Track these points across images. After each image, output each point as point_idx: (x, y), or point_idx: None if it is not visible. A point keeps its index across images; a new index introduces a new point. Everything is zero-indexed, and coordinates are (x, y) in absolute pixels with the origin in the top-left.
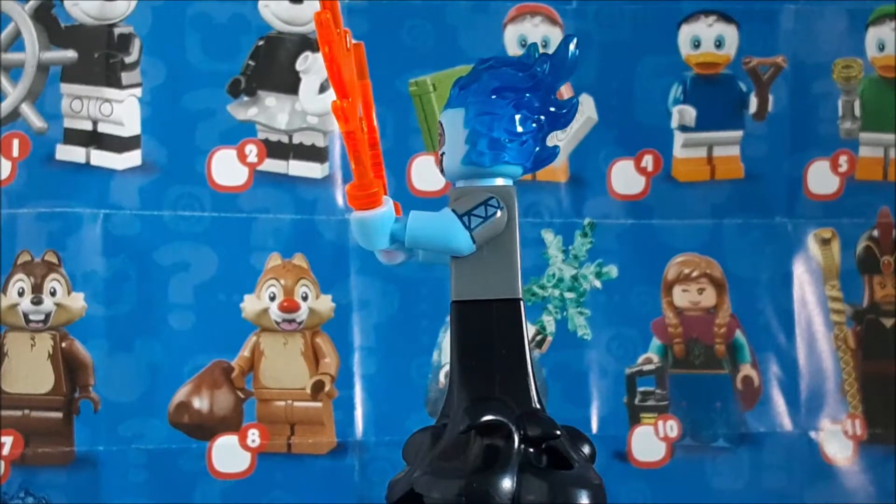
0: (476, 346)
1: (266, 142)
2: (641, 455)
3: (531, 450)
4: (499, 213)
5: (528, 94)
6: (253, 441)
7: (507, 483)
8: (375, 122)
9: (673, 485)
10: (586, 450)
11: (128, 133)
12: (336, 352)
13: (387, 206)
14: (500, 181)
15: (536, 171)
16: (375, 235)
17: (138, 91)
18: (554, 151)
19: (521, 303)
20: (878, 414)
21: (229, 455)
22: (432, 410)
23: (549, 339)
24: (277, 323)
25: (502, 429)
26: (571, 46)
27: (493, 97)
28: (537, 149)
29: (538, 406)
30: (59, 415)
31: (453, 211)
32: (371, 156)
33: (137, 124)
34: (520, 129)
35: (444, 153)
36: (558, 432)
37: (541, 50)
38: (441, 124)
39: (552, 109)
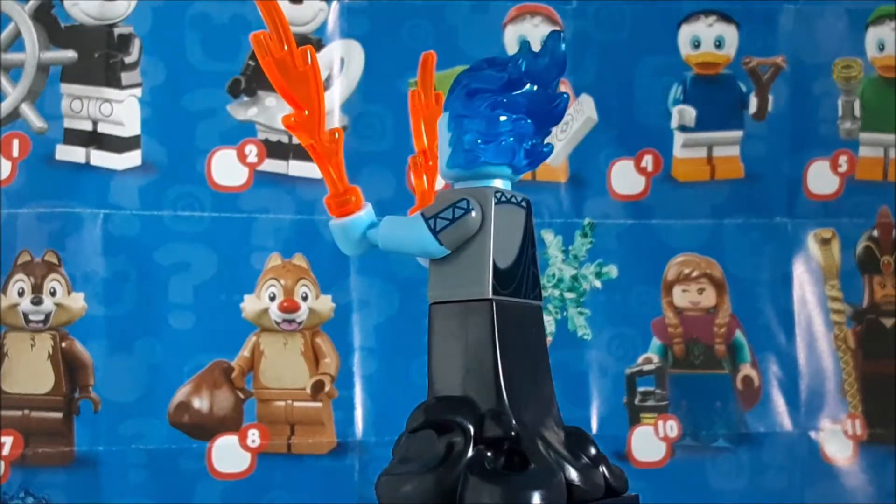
0: (447, 347)
1: (266, 142)
2: (641, 455)
3: (489, 451)
4: (470, 215)
5: (504, 93)
6: (253, 441)
7: (442, 484)
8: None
9: (673, 485)
10: (592, 451)
11: (128, 133)
12: (336, 352)
13: (361, 212)
14: (498, 182)
15: (533, 168)
16: (348, 241)
17: (138, 91)
18: (546, 149)
19: (493, 303)
20: (878, 414)
21: (229, 455)
22: None
23: (549, 339)
24: (277, 323)
25: (456, 429)
26: (558, 42)
27: (470, 99)
28: (526, 146)
29: (505, 407)
30: (59, 415)
31: (422, 214)
32: (420, 165)
33: (137, 124)
34: (495, 129)
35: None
36: (514, 433)
37: (534, 48)
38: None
39: (538, 106)
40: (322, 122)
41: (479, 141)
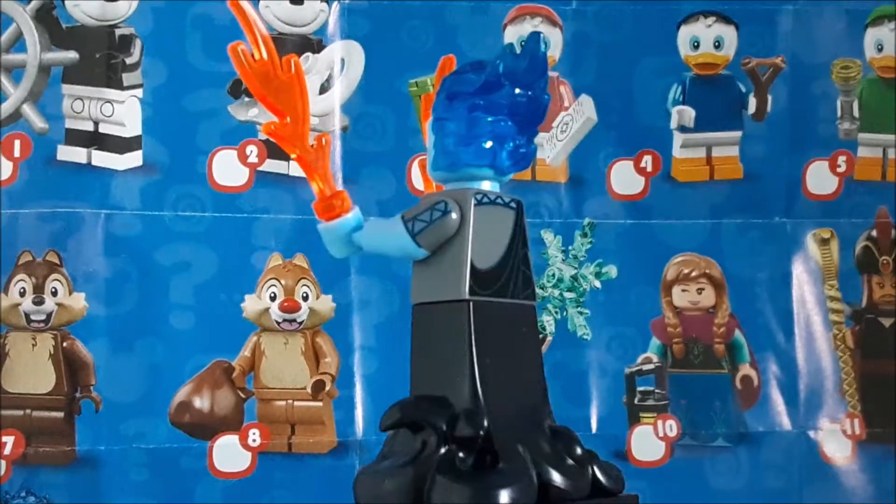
0: (428, 347)
1: (267, 142)
2: (641, 454)
3: (461, 450)
4: (447, 217)
5: (481, 95)
6: (254, 440)
7: (411, 483)
8: None
9: (672, 484)
10: (578, 451)
11: (129, 133)
12: (336, 351)
13: (348, 215)
14: (485, 184)
15: (519, 170)
16: (334, 244)
17: (139, 92)
18: (529, 150)
19: (470, 304)
20: (877, 413)
21: (230, 454)
22: None
23: (549, 338)
24: (278, 323)
25: (428, 427)
26: (538, 44)
27: (450, 102)
28: (508, 148)
29: (479, 406)
30: (60, 414)
31: (402, 216)
32: None
33: (138, 125)
34: (472, 131)
35: None
36: (481, 432)
37: (518, 49)
38: None
39: (518, 107)
40: (306, 130)
41: (458, 143)
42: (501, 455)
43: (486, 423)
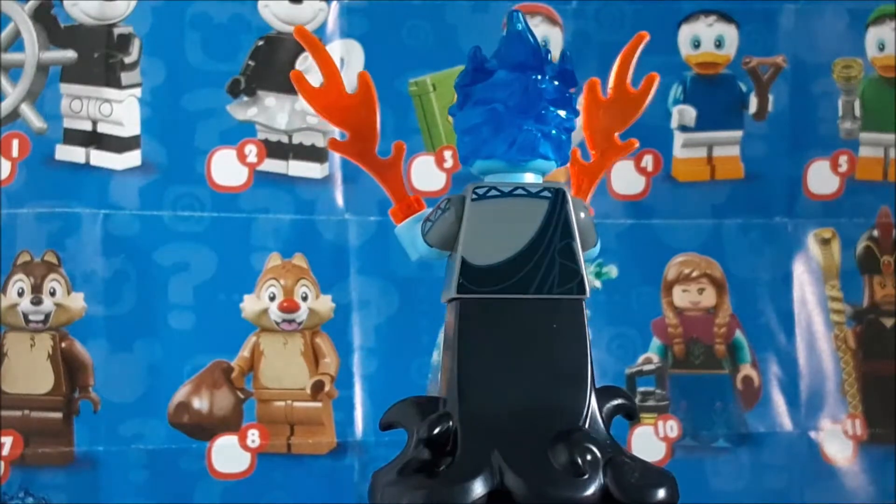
0: (446, 347)
1: (266, 142)
2: (641, 455)
3: (430, 452)
4: (444, 215)
5: (469, 87)
6: (253, 441)
7: (380, 484)
8: None
9: None
10: (578, 458)
11: (127, 133)
12: (336, 352)
13: (411, 218)
14: (529, 176)
15: (533, 157)
16: (403, 247)
17: (138, 91)
18: (531, 136)
19: (459, 302)
20: (878, 414)
21: (229, 455)
22: None
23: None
24: (277, 323)
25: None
26: (515, 22)
27: (457, 100)
28: (504, 134)
29: (453, 408)
30: (58, 415)
31: (424, 218)
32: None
33: (137, 124)
34: (468, 123)
35: None
36: (436, 432)
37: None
38: None
39: (505, 92)
40: (373, 144)
41: (460, 139)
42: (464, 458)
43: (447, 427)
